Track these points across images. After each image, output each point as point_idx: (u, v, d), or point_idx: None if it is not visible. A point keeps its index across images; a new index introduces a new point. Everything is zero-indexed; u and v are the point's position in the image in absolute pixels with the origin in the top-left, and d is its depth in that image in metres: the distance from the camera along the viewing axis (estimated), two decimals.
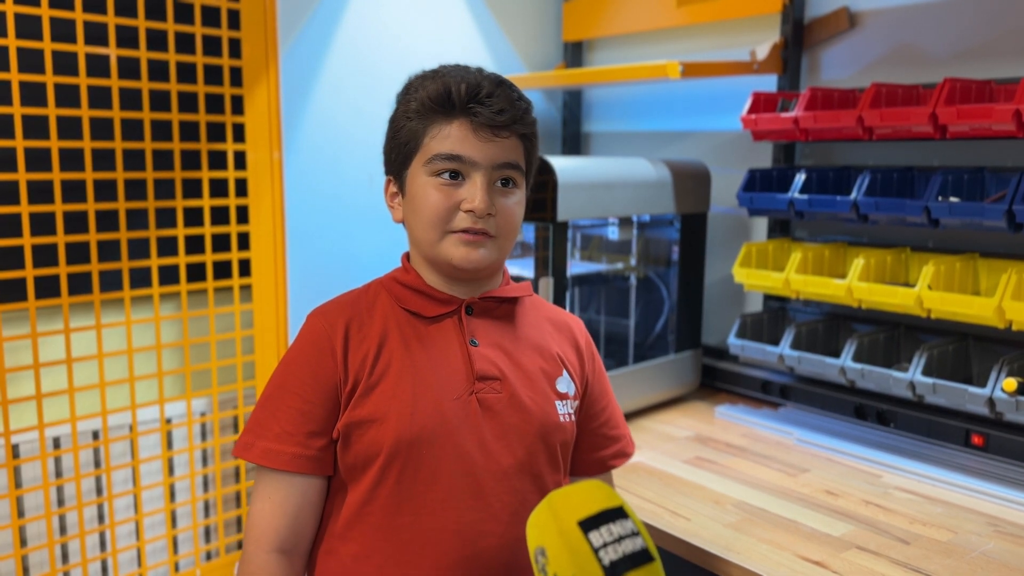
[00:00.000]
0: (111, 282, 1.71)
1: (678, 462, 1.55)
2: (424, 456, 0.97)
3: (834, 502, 1.37)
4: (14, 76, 1.50)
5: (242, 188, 1.83)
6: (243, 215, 1.84)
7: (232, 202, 1.81)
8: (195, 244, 1.80)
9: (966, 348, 1.59)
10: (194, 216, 1.79)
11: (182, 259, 1.75)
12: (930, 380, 1.46)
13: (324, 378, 0.99)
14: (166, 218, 1.73)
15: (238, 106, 1.79)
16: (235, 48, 1.78)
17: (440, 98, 0.99)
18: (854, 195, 1.57)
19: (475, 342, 1.04)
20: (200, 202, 1.76)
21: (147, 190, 1.68)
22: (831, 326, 1.78)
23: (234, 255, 1.83)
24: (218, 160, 1.80)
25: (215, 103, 1.77)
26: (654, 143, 2.24)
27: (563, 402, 1.07)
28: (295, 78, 1.89)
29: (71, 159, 1.60)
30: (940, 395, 1.46)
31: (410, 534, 0.97)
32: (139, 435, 1.77)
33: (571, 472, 1.14)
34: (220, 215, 1.83)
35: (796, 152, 1.89)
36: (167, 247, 1.75)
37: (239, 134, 1.80)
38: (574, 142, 2.42)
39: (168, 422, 1.82)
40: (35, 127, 1.56)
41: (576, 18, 2.33)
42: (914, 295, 1.46)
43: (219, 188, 1.81)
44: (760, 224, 1.99)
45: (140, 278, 1.74)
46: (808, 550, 1.20)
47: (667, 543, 1.26)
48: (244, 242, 1.85)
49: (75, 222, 1.62)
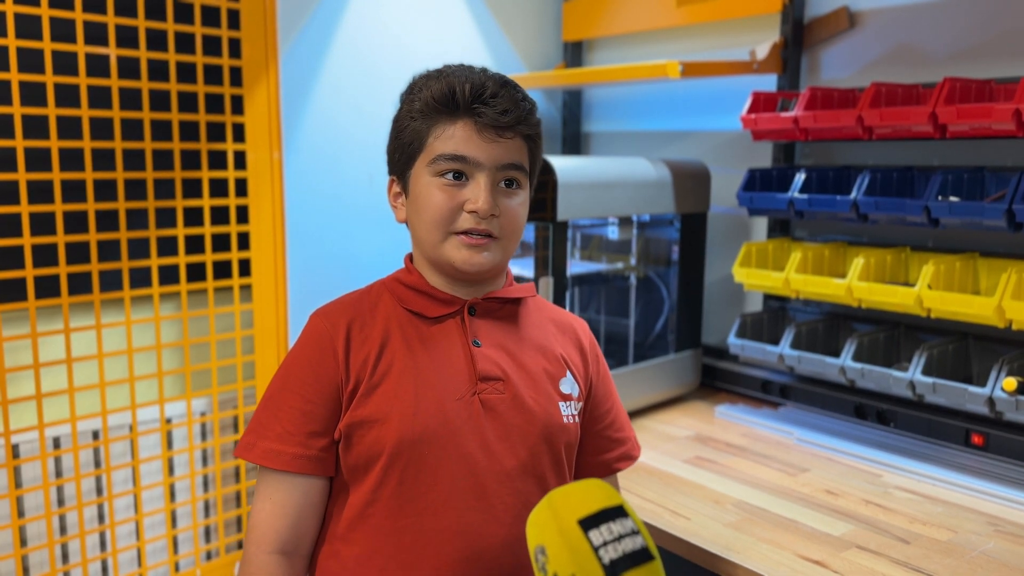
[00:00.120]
0: (111, 282, 1.71)
1: (678, 462, 1.55)
2: (426, 457, 0.97)
3: (834, 502, 1.37)
4: (14, 76, 1.50)
5: (242, 188, 1.83)
6: (243, 215, 1.84)
7: (232, 202, 1.81)
8: (195, 244, 1.80)
9: (966, 347, 1.59)
10: (194, 216, 1.79)
11: (182, 259, 1.75)
12: (930, 380, 1.46)
13: (326, 378, 0.99)
14: (166, 218, 1.73)
15: (238, 106, 1.79)
16: (235, 48, 1.78)
17: (444, 98, 0.99)
18: (854, 195, 1.57)
19: (478, 343, 1.03)
20: (200, 202, 1.76)
21: (147, 190, 1.68)
22: (831, 326, 1.78)
23: (234, 255, 1.83)
24: (218, 160, 1.80)
25: (215, 103, 1.77)
26: (654, 143, 2.24)
27: (567, 403, 1.06)
28: (295, 78, 1.89)
29: (71, 159, 1.60)
30: (940, 395, 1.46)
31: (412, 535, 0.97)
32: (139, 435, 1.77)
33: (576, 475, 1.13)
34: (220, 215, 1.83)
35: (796, 152, 1.89)
36: (167, 247, 1.75)
37: (239, 134, 1.80)
38: (574, 142, 2.42)
39: (168, 422, 1.82)
40: (35, 127, 1.56)
41: (576, 18, 2.34)
42: (914, 295, 1.46)
43: (219, 188, 1.81)
44: (760, 224, 1.99)
45: (140, 278, 1.74)
46: (808, 549, 1.20)
47: (667, 543, 1.26)
48: (244, 242, 1.85)
49: (75, 222, 1.62)
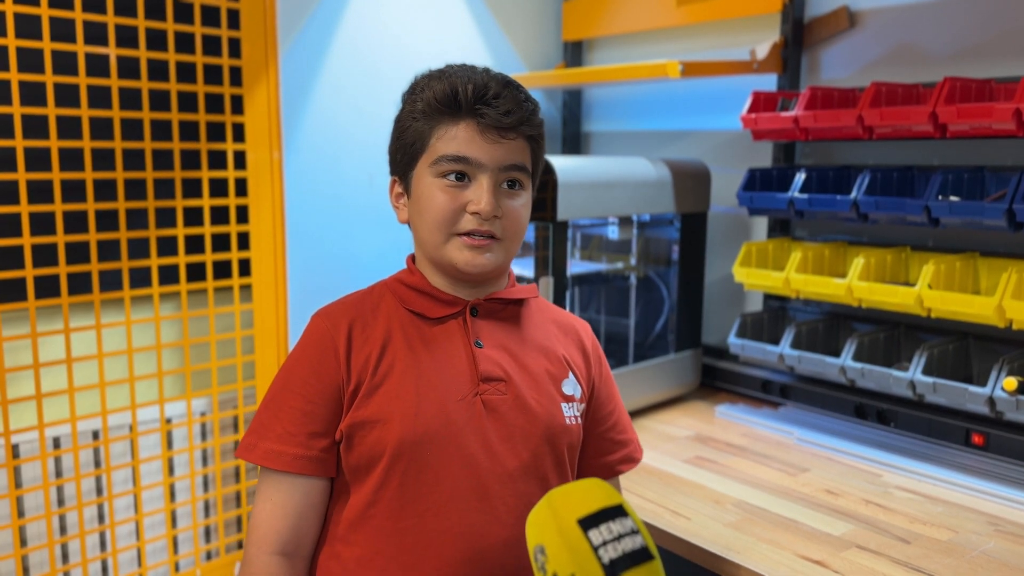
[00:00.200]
0: (111, 282, 1.71)
1: (678, 462, 1.55)
2: (428, 458, 0.97)
3: (834, 501, 1.37)
4: (14, 76, 1.50)
5: (242, 188, 1.83)
6: (243, 215, 1.84)
7: (232, 202, 1.81)
8: (195, 244, 1.80)
9: (966, 347, 1.59)
10: (194, 216, 1.78)
11: (182, 259, 1.75)
12: (930, 379, 1.46)
13: (327, 379, 0.99)
14: (166, 218, 1.73)
15: (238, 106, 1.79)
16: (235, 48, 1.78)
17: (447, 99, 0.99)
18: (854, 194, 1.57)
19: (480, 343, 1.03)
20: (200, 202, 1.76)
21: (147, 190, 1.68)
22: (831, 325, 1.78)
23: (234, 255, 1.83)
24: (218, 160, 1.80)
25: (215, 103, 1.77)
26: (654, 143, 2.24)
27: (569, 404, 1.06)
28: (295, 78, 1.89)
29: (71, 159, 1.60)
30: (940, 394, 1.46)
31: (414, 537, 0.97)
32: (139, 435, 1.77)
33: (578, 477, 1.13)
34: (220, 215, 1.83)
35: (796, 151, 1.88)
36: (167, 247, 1.75)
37: (239, 134, 1.80)
38: (574, 142, 2.42)
39: (168, 422, 1.82)
40: (35, 127, 1.56)
41: (576, 18, 2.33)
42: (914, 294, 1.46)
43: (219, 188, 1.81)
44: (760, 223, 1.98)
45: (140, 278, 1.74)
46: (808, 549, 1.20)
47: (667, 542, 1.26)
48: (244, 242, 1.85)
49: (75, 222, 1.62)
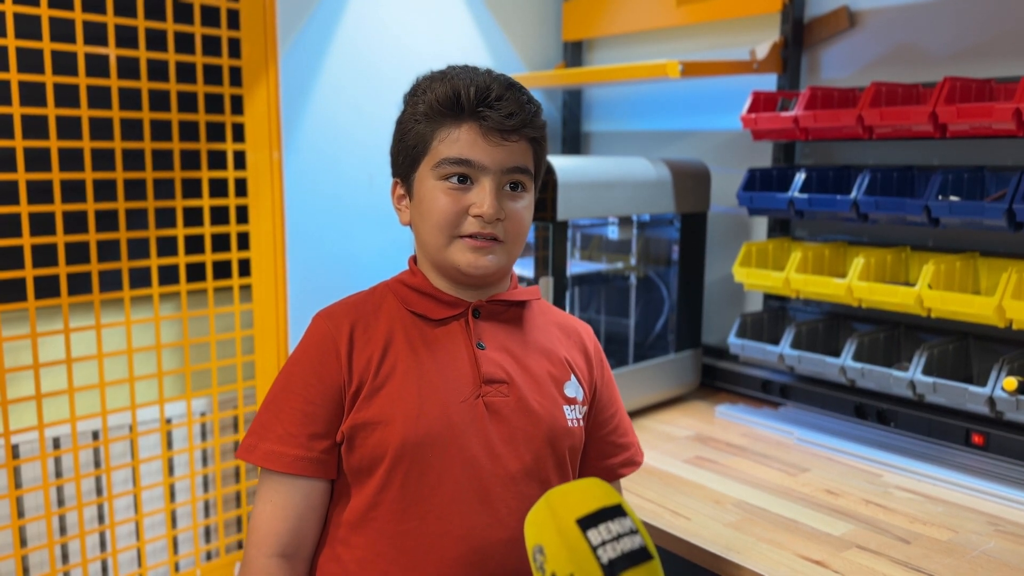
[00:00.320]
0: (111, 282, 1.71)
1: (678, 462, 1.55)
2: (430, 459, 0.97)
3: (834, 501, 1.37)
4: (13, 76, 1.50)
5: (242, 188, 1.83)
6: (243, 215, 1.84)
7: (232, 202, 1.80)
8: (195, 244, 1.80)
9: (966, 347, 1.59)
10: (194, 216, 1.78)
11: (182, 259, 1.75)
12: (930, 379, 1.46)
13: (328, 380, 0.99)
14: (166, 218, 1.73)
15: (238, 106, 1.79)
16: (235, 48, 1.78)
17: (449, 101, 0.98)
18: (854, 194, 1.57)
19: (482, 345, 1.03)
20: (200, 202, 1.76)
21: (147, 190, 1.68)
22: (831, 325, 1.78)
23: (234, 255, 1.83)
24: (218, 160, 1.80)
25: (215, 103, 1.77)
26: (654, 143, 2.24)
27: (571, 407, 1.06)
28: (295, 78, 1.89)
29: (70, 159, 1.60)
30: (940, 394, 1.46)
31: (415, 539, 0.97)
32: (139, 435, 1.77)
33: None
34: (220, 215, 1.83)
35: (796, 151, 1.88)
36: (167, 247, 1.75)
37: (239, 134, 1.80)
38: (574, 142, 2.42)
39: (168, 422, 1.82)
40: (34, 127, 1.56)
41: (576, 18, 2.33)
42: (914, 294, 1.46)
43: (219, 188, 1.81)
44: (760, 223, 1.98)
45: (140, 278, 1.74)
46: (808, 549, 1.20)
47: (667, 543, 1.26)
48: (244, 242, 1.85)
49: (75, 222, 1.62)
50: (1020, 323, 1.35)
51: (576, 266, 1.86)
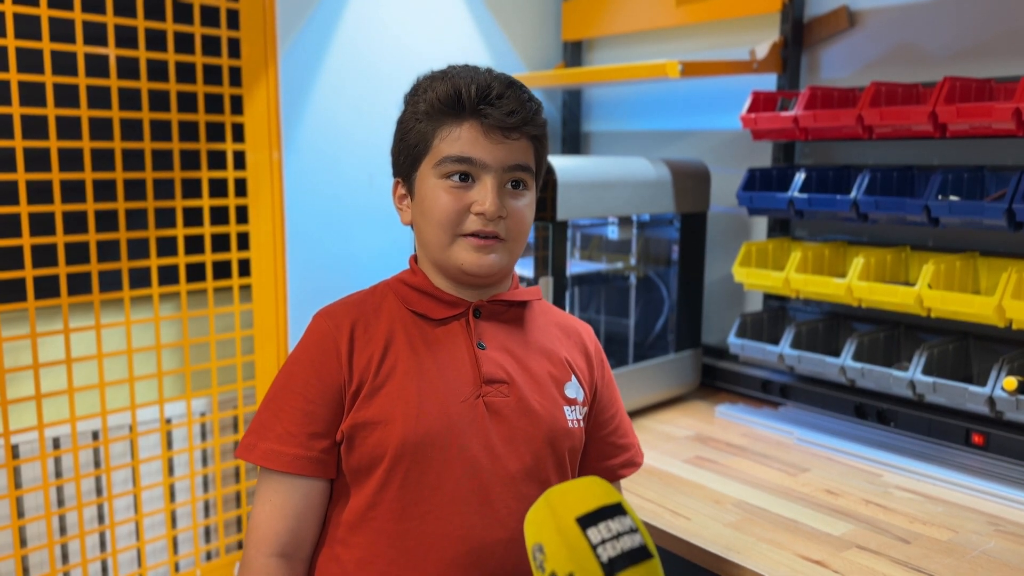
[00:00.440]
0: (110, 282, 1.71)
1: (678, 462, 1.55)
2: (430, 459, 0.97)
3: (834, 501, 1.37)
4: (13, 76, 1.50)
5: (241, 188, 1.83)
6: (243, 215, 1.84)
7: (232, 202, 1.80)
8: (194, 244, 1.80)
9: (966, 347, 1.59)
10: (193, 216, 1.78)
11: (182, 259, 1.75)
12: (930, 379, 1.46)
13: (328, 379, 0.98)
14: (165, 218, 1.73)
15: (237, 106, 1.79)
16: (234, 48, 1.78)
17: (450, 99, 0.98)
18: (854, 194, 1.57)
19: (482, 345, 1.03)
20: (199, 202, 1.76)
21: (146, 190, 1.68)
22: (831, 325, 1.78)
23: (233, 255, 1.83)
24: (217, 160, 1.80)
25: (214, 103, 1.77)
26: (654, 142, 2.24)
27: (571, 407, 1.06)
28: (294, 78, 1.89)
29: (70, 159, 1.60)
30: (940, 394, 1.46)
31: (414, 539, 0.96)
32: (139, 435, 1.77)
33: None
34: (219, 215, 1.83)
35: (796, 151, 1.88)
36: (166, 247, 1.75)
37: (238, 134, 1.80)
38: (574, 142, 2.42)
39: (168, 422, 1.82)
40: (34, 127, 1.56)
41: (575, 17, 2.33)
42: (914, 294, 1.45)
43: (218, 188, 1.81)
44: (760, 223, 1.98)
45: (140, 278, 1.74)
46: (808, 549, 1.20)
47: (667, 543, 1.26)
48: (244, 242, 1.85)
49: (74, 222, 1.62)
50: (1020, 323, 1.35)
51: (576, 266, 1.86)
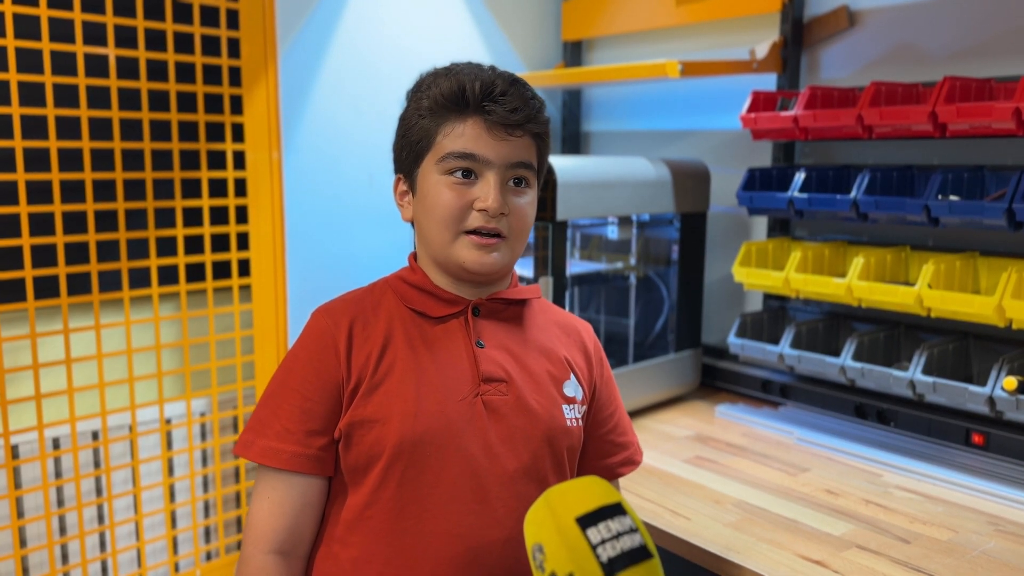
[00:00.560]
0: (110, 282, 1.71)
1: (678, 461, 1.55)
2: (428, 458, 0.96)
3: (834, 501, 1.37)
4: (12, 76, 1.50)
5: (241, 188, 1.83)
6: (242, 215, 1.84)
7: (231, 202, 1.80)
8: (194, 244, 1.80)
9: (966, 347, 1.59)
10: (193, 216, 1.78)
11: (181, 259, 1.75)
12: (930, 379, 1.46)
13: (327, 376, 0.98)
14: (165, 218, 1.73)
15: (237, 106, 1.79)
16: (234, 48, 1.78)
17: (454, 96, 0.98)
18: (854, 194, 1.57)
19: (481, 343, 1.03)
20: (199, 202, 1.76)
21: (146, 190, 1.68)
22: (831, 325, 1.78)
23: (233, 255, 1.82)
24: (217, 160, 1.80)
25: (214, 103, 1.77)
26: (654, 142, 2.24)
27: (570, 406, 1.06)
28: (294, 78, 1.89)
29: (70, 159, 1.60)
30: (940, 394, 1.46)
31: (412, 538, 0.96)
32: (139, 435, 1.77)
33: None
34: (219, 215, 1.83)
35: (796, 151, 1.88)
36: (166, 247, 1.74)
37: (238, 134, 1.80)
38: (573, 141, 2.42)
39: (168, 422, 1.81)
40: (34, 127, 1.56)
41: (575, 17, 2.33)
42: (914, 294, 1.45)
43: (218, 188, 1.81)
44: (760, 223, 1.98)
45: (139, 278, 1.74)
46: (808, 549, 1.20)
47: (667, 542, 1.26)
48: (243, 242, 1.85)
49: (74, 222, 1.62)
50: (1020, 323, 1.35)
51: (576, 266, 1.86)
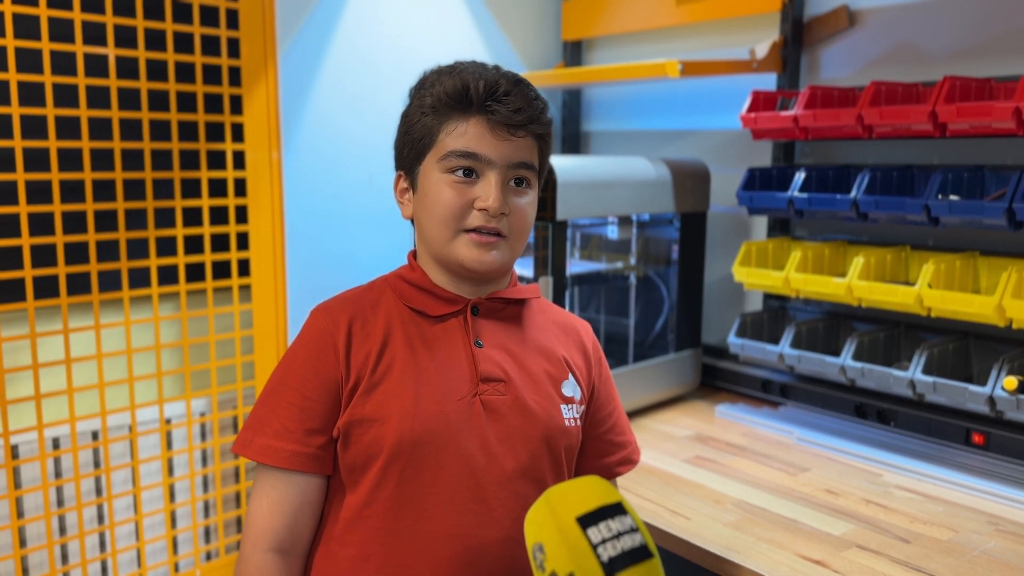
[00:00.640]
0: (110, 282, 1.71)
1: (678, 461, 1.55)
2: (426, 458, 0.97)
3: (834, 501, 1.37)
4: (12, 76, 1.50)
5: (241, 188, 1.83)
6: (242, 215, 1.84)
7: (231, 202, 1.80)
8: (194, 244, 1.80)
9: (966, 346, 1.59)
10: (193, 216, 1.78)
11: (181, 259, 1.75)
12: (930, 379, 1.46)
13: (326, 375, 0.98)
14: (165, 218, 1.73)
15: (237, 106, 1.79)
16: (234, 48, 1.78)
17: (457, 94, 0.98)
18: (854, 193, 1.57)
19: (480, 343, 1.03)
20: (199, 202, 1.76)
21: (146, 190, 1.68)
22: (831, 325, 1.78)
23: (233, 255, 1.82)
24: (217, 160, 1.80)
25: (214, 103, 1.77)
26: (653, 142, 2.24)
27: (568, 406, 1.06)
28: (294, 78, 1.89)
29: (70, 159, 1.60)
30: (940, 394, 1.46)
31: (410, 537, 0.96)
32: (138, 435, 1.77)
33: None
34: (219, 215, 1.83)
35: (796, 151, 1.88)
36: (166, 247, 1.74)
37: (238, 134, 1.80)
38: (573, 141, 2.42)
39: (168, 422, 1.81)
40: (34, 127, 1.56)
41: (575, 17, 2.33)
42: (914, 294, 1.45)
43: (218, 188, 1.81)
44: (760, 223, 1.98)
45: (139, 278, 1.74)
46: (808, 549, 1.20)
47: (667, 542, 1.26)
48: (243, 242, 1.85)
49: (74, 222, 1.62)
50: (1020, 322, 1.35)
51: (576, 266, 1.86)
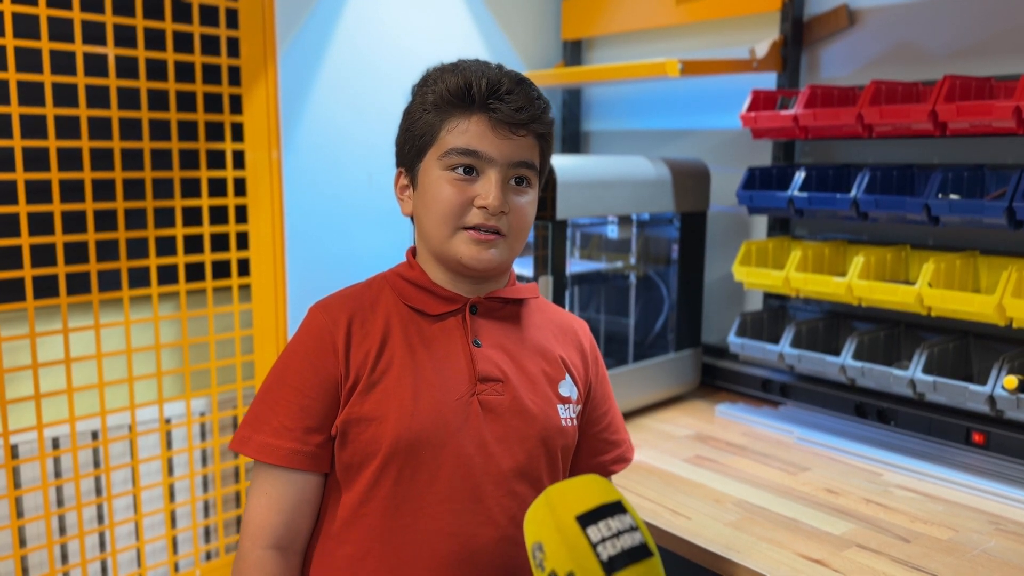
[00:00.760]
0: (110, 282, 1.71)
1: (678, 461, 1.54)
2: (423, 457, 0.97)
3: (834, 500, 1.37)
4: (12, 76, 1.50)
5: (241, 187, 1.83)
6: (242, 215, 1.84)
7: (231, 201, 1.80)
8: (194, 244, 1.80)
9: (966, 346, 1.59)
10: (193, 216, 1.78)
11: (181, 259, 1.75)
12: (930, 378, 1.46)
13: (324, 373, 0.98)
14: (165, 218, 1.73)
15: (237, 105, 1.79)
16: (233, 47, 1.77)
17: (460, 92, 0.99)
18: (854, 193, 1.57)
19: (478, 343, 1.03)
20: (199, 202, 1.76)
21: (146, 190, 1.68)
22: (831, 324, 1.78)
23: (233, 255, 1.82)
24: (217, 159, 1.80)
25: (214, 102, 1.77)
26: (653, 141, 2.23)
27: (565, 406, 1.06)
28: (294, 77, 1.89)
29: (69, 159, 1.60)
30: (940, 393, 1.46)
31: (407, 536, 0.97)
32: (138, 435, 1.77)
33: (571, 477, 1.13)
34: (219, 215, 1.83)
35: (796, 150, 1.88)
36: (166, 247, 1.74)
37: (238, 133, 1.80)
38: (573, 141, 2.42)
39: (167, 422, 1.81)
40: (33, 127, 1.56)
41: (575, 16, 2.33)
42: (914, 293, 1.45)
43: (218, 188, 1.81)
44: (760, 222, 1.98)
45: (139, 278, 1.74)
46: (808, 548, 1.20)
47: (667, 542, 1.26)
48: (243, 242, 1.85)
49: (73, 222, 1.62)
50: (1020, 321, 1.35)
51: (576, 265, 1.86)
